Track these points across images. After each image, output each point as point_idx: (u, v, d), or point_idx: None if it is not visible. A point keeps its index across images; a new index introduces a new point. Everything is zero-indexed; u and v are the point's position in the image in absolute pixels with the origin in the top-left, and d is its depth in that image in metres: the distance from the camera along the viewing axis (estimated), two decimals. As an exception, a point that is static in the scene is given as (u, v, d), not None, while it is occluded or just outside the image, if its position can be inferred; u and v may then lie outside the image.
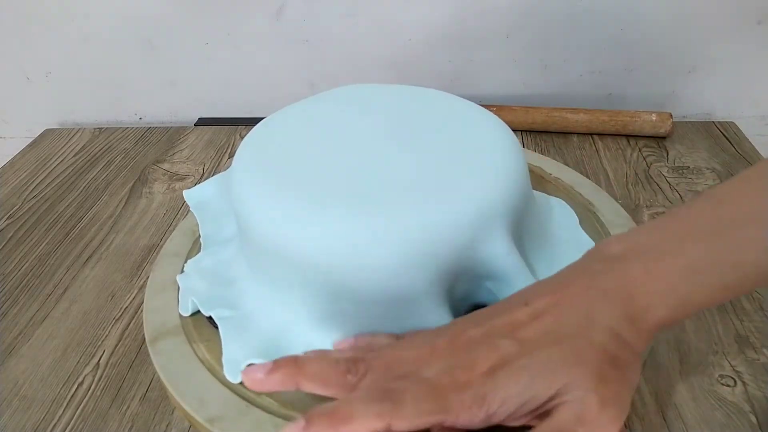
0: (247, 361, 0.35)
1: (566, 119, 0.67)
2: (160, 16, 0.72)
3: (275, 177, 0.37)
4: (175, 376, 0.36)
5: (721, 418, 0.36)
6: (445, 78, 0.72)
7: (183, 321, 0.40)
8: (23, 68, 0.77)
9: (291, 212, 0.35)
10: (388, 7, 0.69)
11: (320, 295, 0.35)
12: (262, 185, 0.37)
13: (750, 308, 0.43)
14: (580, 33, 0.69)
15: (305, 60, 0.74)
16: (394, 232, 0.33)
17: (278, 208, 0.35)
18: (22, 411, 0.40)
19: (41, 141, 0.74)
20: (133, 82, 0.77)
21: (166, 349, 0.38)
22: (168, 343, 0.38)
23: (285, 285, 0.36)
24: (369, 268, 0.33)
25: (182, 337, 0.38)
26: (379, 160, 0.37)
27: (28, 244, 0.55)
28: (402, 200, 0.34)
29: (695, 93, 0.71)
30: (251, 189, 0.37)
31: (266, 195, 0.36)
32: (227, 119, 0.77)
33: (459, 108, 0.43)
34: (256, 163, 0.39)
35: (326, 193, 0.35)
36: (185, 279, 0.41)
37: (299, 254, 0.34)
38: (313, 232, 0.34)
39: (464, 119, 0.42)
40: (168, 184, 0.63)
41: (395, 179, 0.36)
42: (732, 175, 0.59)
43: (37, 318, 0.47)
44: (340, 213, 0.34)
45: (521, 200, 0.37)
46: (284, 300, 0.36)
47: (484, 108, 0.44)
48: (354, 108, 0.43)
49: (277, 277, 0.37)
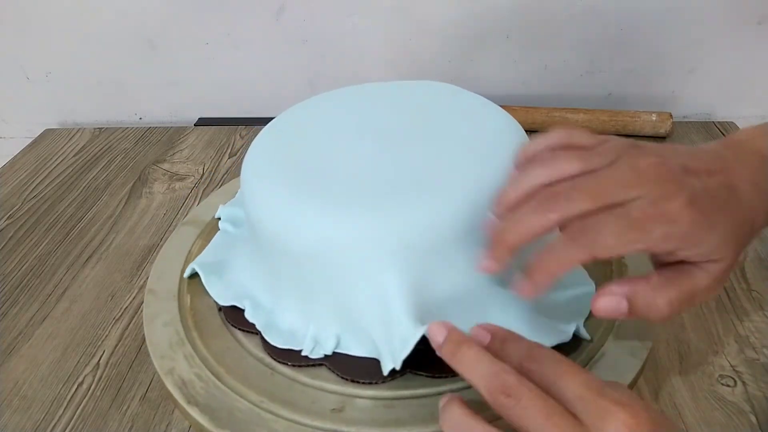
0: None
1: (566, 119, 0.67)
2: (160, 16, 0.72)
3: (283, 174, 0.37)
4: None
5: (721, 418, 0.36)
6: (445, 78, 0.71)
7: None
8: (23, 68, 0.77)
9: (297, 209, 0.35)
10: (388, 7, 0.69)
11: (321, 291, 0.35)
12: (270, 183, 0.37)
13: (750, 308, 0.43)
14: (580, 33, 0.69)
15: (305, 60, 0.74)
16: (396, 229, 0.33)
17: (285, 205, 0.35)
18: (22, 411, 0.40)
19: (41, 141, 0.74)
20: (133, 82, 0.77)
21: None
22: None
23: (281, 276, 0.36)
24: (369, 262, 0.33)
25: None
26: (385, 156, 0.37)
27: (28, 244, 0.55)
28: (406, 197, 0.34)
29: (695, 93, 0.71)
30: (260, 186, 0.37)
31: (274, 192, 0.36)
32: (227, 119, 0.77)
33: (467, 102, 0.43)
34: (265, 161, 0.39)
35: (333, 190, 0.35)
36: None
37: (303, 250, 0.34)
38: (318, 228, 0.34)
39: (472, 114, 0.41)
40: (168, 184, 0.63)
41: (401, 176, 0.36)
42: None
43: (37, 318, 0.47)
44: (345, 209, 0.34)
45: None
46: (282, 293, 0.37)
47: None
48: (361, 106, 0.43)
49: (281, 274, 0.37)
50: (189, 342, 0.38)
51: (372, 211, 0.33)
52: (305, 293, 0.36)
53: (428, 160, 0.37)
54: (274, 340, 0.36)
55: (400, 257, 0.33)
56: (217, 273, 0.42)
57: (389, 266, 0.33)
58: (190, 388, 0.35)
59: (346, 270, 0.34)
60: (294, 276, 0.36)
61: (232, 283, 0.41)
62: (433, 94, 0.44)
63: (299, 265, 0.35)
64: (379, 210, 0.33)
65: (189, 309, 0.41)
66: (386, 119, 0.41)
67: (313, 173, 0.36)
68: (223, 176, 0.64)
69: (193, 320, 0.40)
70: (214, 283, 0.41)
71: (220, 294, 0.40)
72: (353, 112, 0.42)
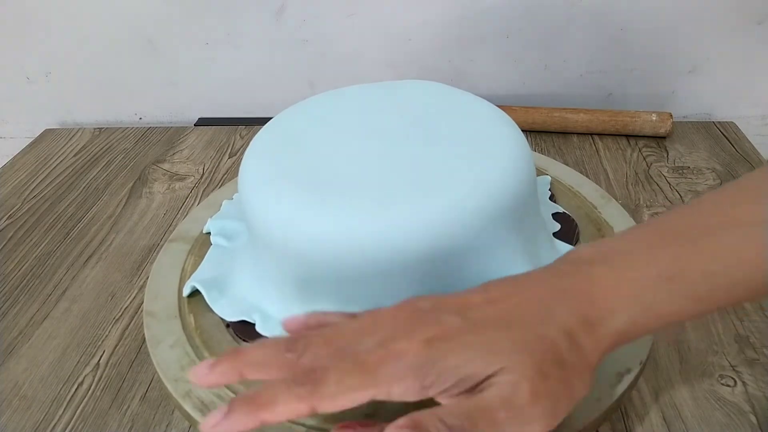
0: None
1: (566, 119, 0.67)
2: (160, 16, 0.72)
3: (281, 172, 0.37)
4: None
5: (721, 418, 0.36)
6: (445, 78, 0.72)
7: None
8: (23, 68, 0.77)
9: (295, 206, 0.35)
10: (388, 7, 0.69)
11: (323, 290, 0.35)
12: (268, 180, 0.37)
13: (750, 308, 0.43)
14: (580, 33, 0.69)
15: (305, 60, 0.74)
16: (397, 227, 0.33)
17: (283, 202, 0.35)
18: (22, 411, 0.40)
19: (41, 141, 0.74)
20: (133, 82, 0.77)
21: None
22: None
23: (286, 281, 0.36)
24: (372, 263, 0.33)
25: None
26: (386, 156, 0.37)
27: (28, 244, 0.55)
28: (406, 195, 0.34)
29: (695, 93, 0.71)
30: (257, 182, 0.37)
31: (272, 189, 0.36)
32: (227, 119, 0.77)
33: (463, 102, 0.43)
34: (265, 164, 0.39)
35: (331, 187, 0.35)
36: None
37: (302, 248, 0.34)
38: (316, 226, 0.34)
39: (470, 113, 0.41)
40: (168, 184, 0.63)
41: (401, 174, 0.36)
42: (732, 175, 0.59)
43: (37, 318, 0.47)
44: (344, 207, 0.34)
45: (527, 196, 0.37)
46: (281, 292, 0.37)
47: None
48: (356, 106, 0.43)
49: (277, 272, 0.37)
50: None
51: (378, 211, 0.33)
52: (312, 298, 0.36)
53: (430, 160, 0.36)
54: None
55: (411, 259, 0.33)
56: (219, 288, 0.41)
57: (400, 268, 0.33)
58: (212, 408, 0.34)
59: (354, 271, 0.34)
60: (300, 281, 0.36)
61: (237, 298, 0.40)
62: (426, 93, 0.44)
63: (305, 268, 0.35)
64: (386, 209, 0.33)
65: (195, 328, 0.39)
66: (382, 119, 0.41)
67: (314, 174, 0.36)
68: (223, 176, 0.64)
69: (201, 339, 0.39)
70: (217, 300, 0.40)
71: (226, 310, 0.39)
72: (349, 112, 0.42)
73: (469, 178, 0.35)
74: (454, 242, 0.33)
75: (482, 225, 0.34)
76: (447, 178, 0.35)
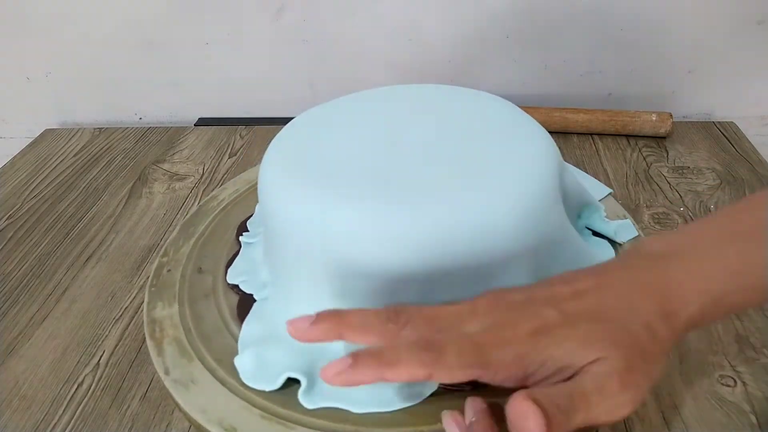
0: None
1: (566, 119, 0.67)
2: (160, 16, 0.72)
3: (301, 170, 0.37)
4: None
5: (721, 418, 0.36)
6: (445, 78, 0.72)
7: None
8: (23, 68, 0.77)
9: (314, 204, 0.34)
10: (388, 7, 0.69)
11: (346, 292, 0.34)
12: (288, 178, 0.36)
13: (750, 308, 0.43)
14: (580, 33, 0.69)
15: (305, 60, 0.74)
16: (422, 228, 0.32)
17: (302, 201, 0.35)
18: (22, 411, 0.40)
19: (41, 141, 0.74)
20: (133, 82, 0.77)
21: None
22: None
23: (309, 284, 0.36)
24: (395, 265, 0.33)
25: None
26: (408, 156, 0.37)
27: (28, 244, 0.55)
28: (430, 196, 0.34)
29: (695, 93, 0.71)
30: (277, 181, 0.37)
31: (291, 187, 0.36)
32: (227, 119, 0.77)
33: (486, 103, 0.43)
34: (283, 158, 0.38)
35: (351, 187, 0.35)
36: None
37: (322, 247, 0.34)
38: (337, 224, 0.33)
39: (493, 113, 0.41)
40: (168, 184, 0.63)
41: (423, 176, 0.35)
42: (732, 176, 0.59)
43: (37, 318, 0.47)
44: (365, 207, 0.33)
45: (552, 204, 0.37)
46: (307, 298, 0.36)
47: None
48: (381, 108, 0.43)
49: (300, 277, 0.36)
50: (258, 407, 0.34)
51: (420, 207, 0.33)
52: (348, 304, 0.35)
53: (462, 158, 0.36)
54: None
55: (454, 259, 0.33)
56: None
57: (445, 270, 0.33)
58: (210, 408, 0.33)
59: (394, 274, 0.33)
60: (336, 290, 0.35)
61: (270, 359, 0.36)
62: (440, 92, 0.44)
63: (341, 272, 0.34)
64: (430, 205, 0.33)
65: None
66: (408, 121, 0.41)
67: (345, 172, 0.36)
68: (223, 176, 0.64)
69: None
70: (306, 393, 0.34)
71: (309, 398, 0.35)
72: (372, 113, 0.42)
73: (501, 177, 0.35)
74: (473, 243, 0.33)
75: (518, 223, 0.33)
76: (482, 175, 0.35)
